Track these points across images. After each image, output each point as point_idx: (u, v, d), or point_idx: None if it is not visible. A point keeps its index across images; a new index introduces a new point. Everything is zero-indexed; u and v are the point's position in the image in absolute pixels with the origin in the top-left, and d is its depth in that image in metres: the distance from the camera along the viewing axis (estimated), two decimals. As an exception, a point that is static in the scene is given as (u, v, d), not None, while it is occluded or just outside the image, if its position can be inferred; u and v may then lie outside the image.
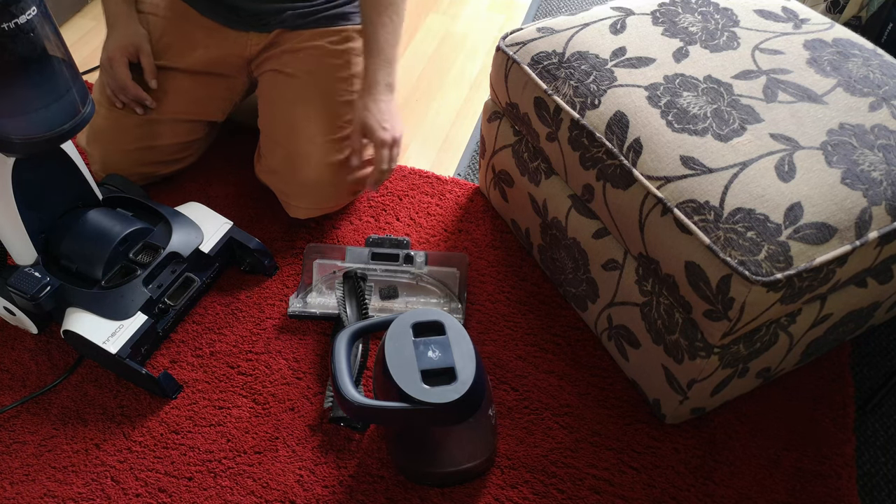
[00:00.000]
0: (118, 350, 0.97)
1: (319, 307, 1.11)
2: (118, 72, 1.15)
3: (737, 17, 1.00)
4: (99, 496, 0.93)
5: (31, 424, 1.00)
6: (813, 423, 1.01)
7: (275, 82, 1.18)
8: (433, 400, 0.80)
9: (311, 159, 1.14)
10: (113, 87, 1.16)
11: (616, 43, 0.97)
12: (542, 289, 1.16)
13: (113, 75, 1.15)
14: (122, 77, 1.15)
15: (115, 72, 1.15)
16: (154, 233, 1.09)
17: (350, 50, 1.19)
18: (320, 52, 1.18)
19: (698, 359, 0.87)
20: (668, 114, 0.88)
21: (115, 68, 1.15)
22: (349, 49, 1.19)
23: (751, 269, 0.76)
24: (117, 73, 1.15)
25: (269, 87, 1.20)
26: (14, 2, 0.75)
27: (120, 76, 1.15)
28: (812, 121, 0.86)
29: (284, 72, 1.18)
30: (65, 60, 0.85)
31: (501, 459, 0.97)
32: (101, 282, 1.03)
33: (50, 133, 0.85)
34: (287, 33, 1.19)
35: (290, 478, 0.95)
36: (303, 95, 1.16)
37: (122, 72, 1.15)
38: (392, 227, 1.24)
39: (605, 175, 0.91)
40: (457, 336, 0.86)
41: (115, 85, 1.16)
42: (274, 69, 1.19)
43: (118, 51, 1.15)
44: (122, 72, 1.15)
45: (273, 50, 1.20)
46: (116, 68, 1.15)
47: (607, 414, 1.02)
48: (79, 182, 1.06)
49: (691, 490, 0.94)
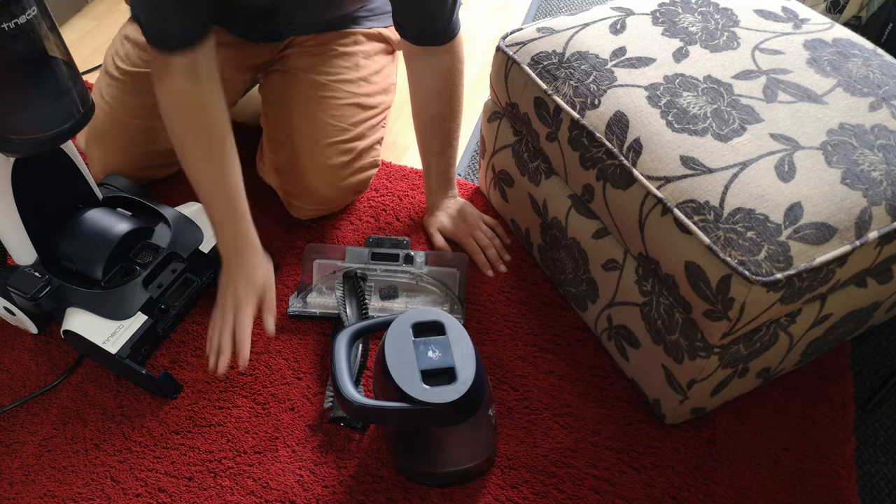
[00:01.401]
0: (118, 350, 0.97)
1: (319, 307, 1.11)
2: (245, 322, 0.96)
3: (737, 17, 1.00)
4: (99, 496, 0.93)
5: (31, 424, 1.00)
6: (813, 423, 1.01)
7: (280, 82, 1.18)
8: (433, 400, 0.80)
9: (315, 161, 1.14)
10: (222, 338, 0.96)
11: (616, 43, 0.97)
12: (542, 289, 1.16)
13: (238, 323, 0.96)
14: (247, 331, 0.97)
15: (241, 320, 0.96)
16: (154, 233, 1.09)
17: (359, 52, 1.20)
18: (329, 54, 1.18)
19: (698, 359, 0.87)
20: (668, 114, 0.88)
21: (242, 317, 0.96)
22: (358, 52, 1.20)
23: (751, 269, 0.76)
24: (244, 322, 0.96)
25: (274, 87, 1.19)
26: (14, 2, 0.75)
27: (246, 329, 0.96)
28: (812, 121, 0.86)
29: (291, 72, 1.18)
30: (65, 60, 0.85)
31: (501, 459, 0.97)
32: (101, 282, 1.03)
33: (50, 133, 0.85)
34: (297, 37, 1.19)
35: (290, 478, 0.95)
36: (308, 96, 1.16)
37: (249, 324, 0.97)
38: (392, 227, 1.24)
39: (605, 175, 0.91)
40: (457, 336, 0.86)
41: (227, 336, 0.96)
42: (280, 69, 1.19)
43: (252, 294, 0.98)
44: (248, 324, 0.97)
45: (282, 53, 1.20)
46: (244, 318, 0.96)
47: (607, 414, 1.02)
48: (79, 182, 1.06)
49: (691, 490, 0.94)
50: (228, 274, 1.00)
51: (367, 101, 1.19)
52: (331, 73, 1.17)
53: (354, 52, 1.20)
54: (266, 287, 1.00)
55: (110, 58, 1.20)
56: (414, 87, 1.13)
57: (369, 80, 1.20)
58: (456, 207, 1.21)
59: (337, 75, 1.17)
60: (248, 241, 1.01)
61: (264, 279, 1.01)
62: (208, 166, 0.99)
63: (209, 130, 0.98)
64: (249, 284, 0.99)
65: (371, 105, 1.20)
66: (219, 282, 1.01)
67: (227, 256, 1.00)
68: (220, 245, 1.01)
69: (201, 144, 0.98)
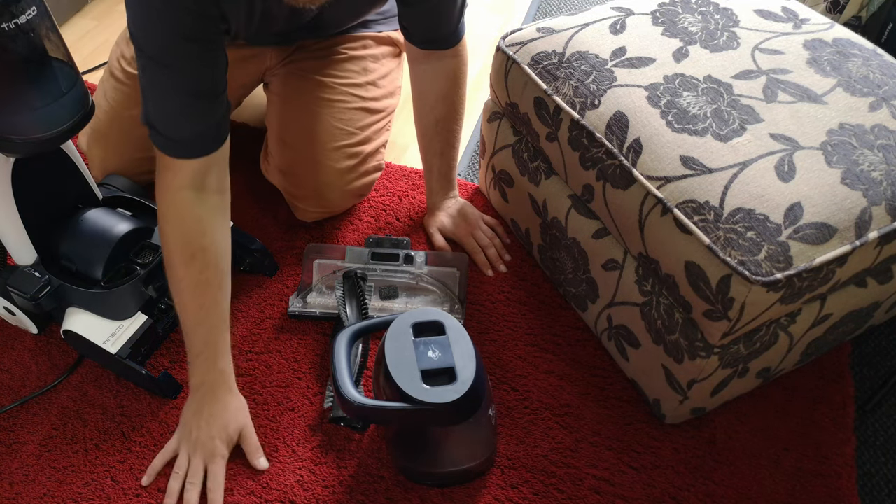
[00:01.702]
0: (118, 350, 0.97)
1: (319, 307, 1.11)
2: (219, 479, 0.91)
3: (737, 17, 1.00)
4: (98, 496, 0.93)
5: (30, 424, 1.00)
6: (813, 423, 1.01)
7: (288, 83, 1.18)
8: (433, 400, 0.80)
9: (320, 165, 1.14)
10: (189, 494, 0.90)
11: (616, 43, 0.97)
12: (542, 289, 1.16)
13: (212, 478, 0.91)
14: (220, 488, 0.91)
15: (215, 475, 0.91)
16: (154, 233, 1.09)
17: (367, 56, 1.20)
18: (338, 57, 1.18)
19: (698, 359, 0.87)
20: (667, 114, 0.88)
21: (216, 471, 0.91)
22: (367, 55, 1.20)
23: (751, 269, 0.76)
24: (218, 479, 0.91)
25: (281, 88, 1.19)
26: (14, 2, 0.75)
27: (220, 486, 0.91)
28: (812, 121, 0.86)
29: (299, 74, 1.17)
30: (65, 60, 0.85)
31: (501, 459, 0.97)
32: (101, 282, 1.03)
33: (50, 133, 0.85)
34: (307, 41, 1.19)
35: (290, 478, 0.95)
36: (316, 99, 1.15)
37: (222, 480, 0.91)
38: (392, 227, 1.25)
39: (605, 175, 0.91)
40: (457, 336, 0.86)
41: (196, 492, 0.90)
42: (289, 71, 1.19)
43: (226, 443, 0.92)
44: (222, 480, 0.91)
45: (290, 55, 1.20)
46: (218, 472, 0.91)
47: (607, 414, 1.02)
48: (79, 182, 1.06)
49: (691, 490, 0.94)
50: (199, 414, 0.93)
51: (375, 104, 1.19)
52: (339, 76, 1.17)
53: (363, 56, 1.20)
54: (243, 429, 0.95)
55: (115, 60, 1.19)
56: (417, 90, 1.13)
57: (377, 84, 1.20)
58: (456, 207, 1.21)
59: (345, 79, 1.17)
60: (223, 379, 0.94)
61: (240, 422, 0.94)
62: (195, 294, 0.91)
63: (204, 255, 0.91)
64: (222, 430, 0.92)
65: (378, 109, 1.20)
66: (182, 415, 0.95)
67: (199, 394, 0.93)
68: (192, 380, 0.93)
69: (192, 269, 0.90)
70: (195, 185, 0.90)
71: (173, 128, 0.88)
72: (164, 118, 0.88)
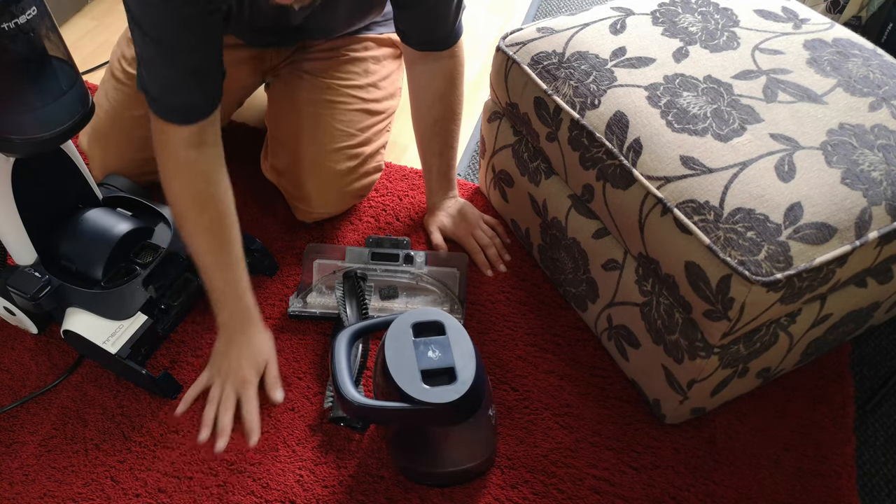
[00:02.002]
0: (118, 350, 0.97)
1: (319, 307, 1.11)
2: (253, 404, 0.96)
3: (737, 17, 1.00)
4: (98, 496, 0.93)
5: (30, 424, 1.00)
6: (813, 423, 1.01)
7: (289, 84, 1.18)
8: (433, 400, 0.80)
9: (321, 166, 1.14)
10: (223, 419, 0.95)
11: (616, 43, 0.97)
12: (542, 289, 1.16)
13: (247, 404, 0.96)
14: (255, 413, 0.96)
15: (249, 401, 0.96)
16: (154, 233, 1.09)
17: (368, 58, 1.20)
18: (339, 59, 1.18)
19: (698, 359, 0.87)
20: (668, 114, 0.88)
21: (250, 397, 0.96)
22: (368, 57, 1.20)
23: (751, 269, 0.76)
24: (252, 404, 0.96)
25: (282, 89, 1.19)
26: (14, 2, 0.75)
27: (254, 411, 0.96)
28: (812, 121, 0.86)
29: (300, 75, 1.17)
30: (65, 60, 0.85)
31: (501, 459, 0.97)
32: (101, 282, 1.03)
33: (50, 133, 0.85)
34: (307, 42, 1.19)
35: (290, 478, 0.95)
36: (317, 100, 1.15)
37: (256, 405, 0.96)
38: (392, 227, 1.24)
39: (605, 175, 0.91)
40: (457, 336, 0.86)
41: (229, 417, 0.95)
42: (290, 72, 1.19)
43: (256, 372, 0.98)
44: (256, 405, 0.96)
45: (292, 56, 1.20)
46: (251, 399, 0.96)
47: (607, 414, 1.02)
48: (79, 182, 1.06)
49: (691, 490, 0.94)
50: (229, 346, 0.98)
51: (375, 106, 1.20)
52: (340, 77, 1.17)
53: (364, 58, 1.20)
54: (269, 360, 1.00)
55: (116, 60, 1.19)
56: (415, 91, 1.13)
57: (378, 86, 1.21)
58: (456, 207, 1.21)
59: (346, 80, 1.17)
60: (249, 314, 0.99)
61: (267, 354, 1.00)
62: (211, 237, 0.97)
63: (213, 201, 0.96)
64: (252, 361, 0.98)
65: (378, 111, 1.20)
66: (213, 351, 0.99)
67: (228, 329, 0.99)
68: (220, 318, 0.99)
69: (205, 216, 0.96)
70: (194, 144, 0.94)
71: (168, 97, 0.91)
72: (159, 88, 0.91)
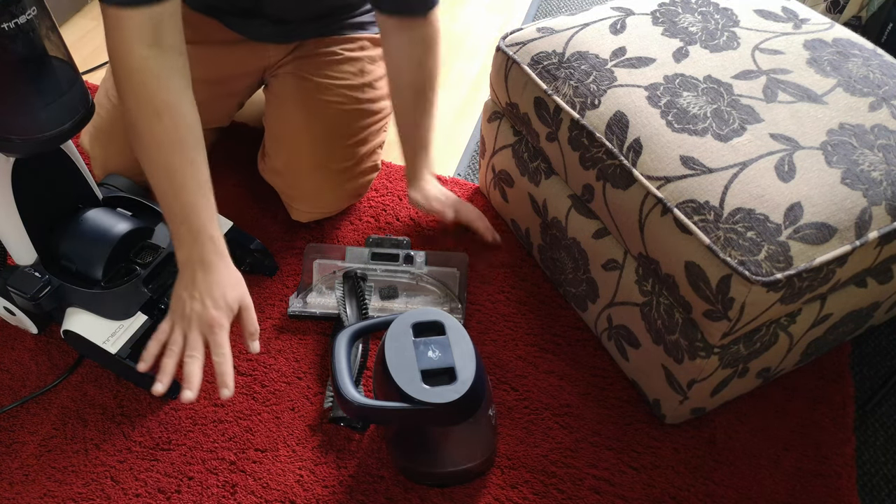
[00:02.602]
0: (118, 350, 0.97)
1: (319, 307, 1.11)
2: (225, 347, 0.84)
3: (737, 17, 1.00)
4: (98, 496, 0.93)
5: (30, 424, 1.00)
6: (813, 423, 1.01)
7: (286, 84, 1.18)
8: (433, 400, 0.80)
9: (317, 166, 1.14)
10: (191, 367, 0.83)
11: (616, 43, 0.97)
12: (542, 289, 1.16)
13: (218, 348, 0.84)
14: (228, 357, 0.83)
15: (220, 344, 0.84)
16: (154, 233, 1.09)
17: (364, 58, 1.20)
18: (335, 58, 1.18)
19: (698, 359, 0.87)
20: (668, 114, 0.88)
21: (220, 340, 0.84)
22: (363, 57, 1.20)
23: (751, 269, 0.76)
24: (224, 348, 0.84)
25: (279, 88, 1.19)
26: (14, 2, 0.75)
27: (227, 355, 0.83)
28: (812, 121, 0.86)
29: (297, 74, 1.17)
30: (65, 60, 0.85)
31: (501, 459, 0.97)
32: (101, 282, 1.03)
33: (50, 133, 0.85)
34: (305, 41, 1.19)
35: (290, 478, 0.95)
36: (313, 100, 1.15)
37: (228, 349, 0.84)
38: (392, 227, 1.25)
39: (605, 175, 0.91)
40: (457, 336, 0.86)
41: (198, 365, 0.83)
42: (287, 72, 1.19)
43: (227, 312, 0.85)
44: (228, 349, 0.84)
45: (290, 56, 1.20)
46: (223, 341, 0.84)
47: (607, 414, 1.02)
48: (79, 182, 1.06)
49: (691, 490, 0.94)
50: (190, 285, 0.84)
51: (371, 106, 1.19)
52: (336, 77, 1.17)
53: (360, 58, 1.20)
54: (242, 299, 0.87)
55: None
56: (393, 64, 1.10)
57: (374, 86, 1.21)
58: (437, 183, 1.19)
59: (342, 80, 1.17)
60: (214, 247, 0.85)
61: (238, 291, 0.87)
62: (170, 152, 0.84)
63: (171, 110, 0.84)
64: (220, 299, 0.84)
65: (374, 110, 1.20)
66: (173, 293, 0.86)
67: (190, 266, 0.85)
68: (180, 254, 0.85)
69: (161, 125, 0.83)
70: (149, 42, 0.82)
71: None
72: None
